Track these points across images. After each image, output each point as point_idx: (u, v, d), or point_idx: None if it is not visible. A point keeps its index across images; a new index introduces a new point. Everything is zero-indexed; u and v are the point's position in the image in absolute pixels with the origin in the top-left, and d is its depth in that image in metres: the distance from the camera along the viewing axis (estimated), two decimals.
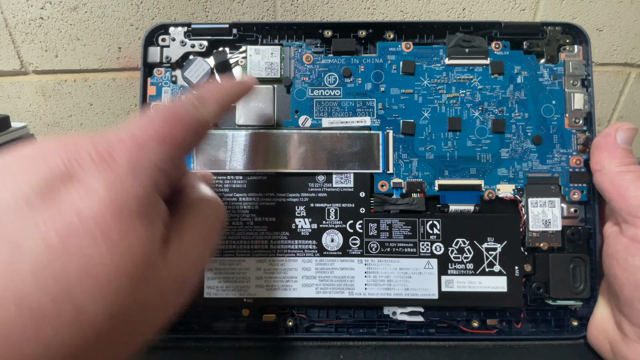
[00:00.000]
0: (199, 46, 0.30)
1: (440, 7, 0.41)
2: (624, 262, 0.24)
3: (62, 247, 0.14)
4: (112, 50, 0.42)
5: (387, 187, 0.29)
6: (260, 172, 0.29)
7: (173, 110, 0.18)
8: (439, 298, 0.28)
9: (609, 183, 0.25)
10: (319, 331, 0.29)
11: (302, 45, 0.30)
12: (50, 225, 0.14)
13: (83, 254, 0.14)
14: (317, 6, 0.40)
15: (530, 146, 0.29)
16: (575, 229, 0.29)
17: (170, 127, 0.18)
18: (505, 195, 0.29)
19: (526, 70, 0.29)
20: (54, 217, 0.14)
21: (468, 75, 0.29)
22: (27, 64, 0.42)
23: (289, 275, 0.28)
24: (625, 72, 0.45)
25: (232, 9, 0.40)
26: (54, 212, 0.14)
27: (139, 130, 0.17)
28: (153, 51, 0.30)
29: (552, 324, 0.29)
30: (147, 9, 0.40)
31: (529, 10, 0.41)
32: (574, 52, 0.29)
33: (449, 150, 0.29)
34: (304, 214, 0.29)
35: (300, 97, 0.29)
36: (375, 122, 0.29)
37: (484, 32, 0.30)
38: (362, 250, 0.29)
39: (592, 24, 0.42)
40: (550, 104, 0.29)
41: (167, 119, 0.18)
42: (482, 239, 0.28)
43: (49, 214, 0.14)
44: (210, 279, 0.28)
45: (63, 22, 0.41)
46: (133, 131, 0.17)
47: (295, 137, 0.29)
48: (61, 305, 0.13)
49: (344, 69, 0.29)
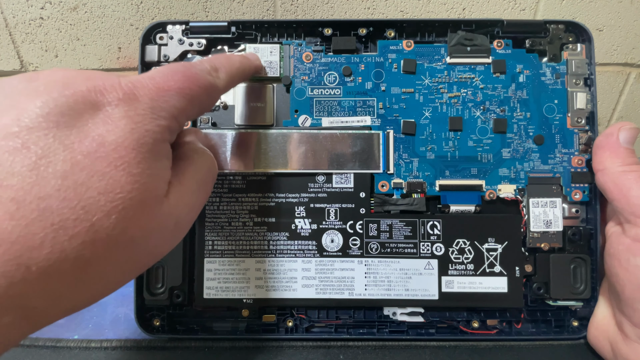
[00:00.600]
0: (197, 44, 0.29)
1: (440, 6, 0.41)
2: (626, 262, 0.24)
3: (86, 166, 0.15)
4: (112, 50, 0.42)
5: (387, 188, 0.29)
6: (259, 172, 0.29)
7: (192, 71, 0.20)
8: (439, 299, 0.28)
9: (611, 183, 0.25)
10: (318, 332, 0.29)
11: (302, 43, 0.30)
12: (76, 145, 0.15)
13: (103, 177, 0.15)
14: (317, 6, 0.40)
15: (532, 146, 0.29)
16: (577, 229, 0.28)
17: (189, 84, 0.19)
18: (506, 195, 0.29)
19: (528, 69, 0.29)
20: (81, 140, 0.15)
21: (470, 74, 0.29)
22: (27, 64, 0.42)
23: (288, 275, 0.28)
24: (625, 72, 0.45)
25: (232, 8, 0.40)
26: (81, 135, 0.15)
27: (161, 79, 0.18)
28: (151, 50, 0.29)
29: (552, 325, 0.29)
30: (147, 9, 0.40)
31: (529, 10, 0.41)
32: (577, 50, 0.29)
33: (450, 150, 0.29)
34: (303, 215, 0.29)
35: (299, 97, 0.29)
36: (376, 121, 0.29)
37: (485, 30, 0.30)
38: (362, 250, 0.28)
39: (592, 24, 0.42)
40: (553, 103, 0.29)
41: (187, 76, 0.19)
42: (483, 240, 0.28)
43: (75, 136, 0.15)
44: (210, 279, 0.28)
45: (63, 22, 0.40)
46: (155, 79, 0.18)
47: (295, 136, 0.29)
48: (78, 216, 0.14)
49: (344, 67, 0.29)
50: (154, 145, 0.17)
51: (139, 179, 0.16)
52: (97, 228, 0.15)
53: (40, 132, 0.14)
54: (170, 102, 0.18)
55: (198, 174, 0.21)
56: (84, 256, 0.15)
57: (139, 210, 0.16)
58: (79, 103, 0.15)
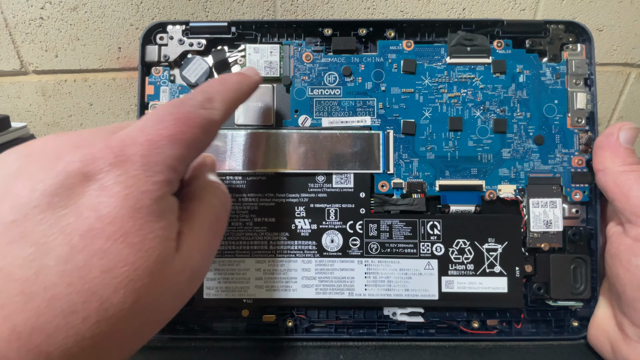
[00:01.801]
0: (197, 45, 0.29)
1: (440, 7, 0.41)
2: (627, 262, 0.24)
3: (85, 247, 0.14)
4: (112, 50, 0.42)
5: (387, 188, 0.29)
6: (259, 172, 0.29)
7: (184, 110, 0.18)
8: (439, 299, 0.28)
9: (612, 183, 0.25)
10: (318, 332, 0.29)
11: (302, 43, 0.30)
12: (72, 226, 0.14)
13: (104, 253, 0.15)
14: (317, 6, 0.40)
15: (532, 146, 0.29)
16: (577, 229, 0.28)
17: (182, 127, 0.18)
18: (506, 195, 0.29)
19: (528, 69, 0.29)
20: (76, 218, 0.15)
21: (469, 74, 0.29)
22: (27, 64, 0.42)
23: (288, 275, 0.28)
24: (625, 72, 0.45)
25: (232, 8, 0.40)
26: (76, 214, 0.15)
27: (151, 130, 0.17)
28: (151, 50, 0.29)
29: (552, 325, 0.29)
30: (147, 9, 0.40)
31: (529, 10, 0.41)
32: (577, 50, 0.29)
33: (450, 150, 0.29)
34: (303, 215, 0.29)
35: (299, 97, 0.29)
36: (376, 121, 0.29)
37: (485, 30, 0.30)
38: (362, 250, 0.28)
39: (592, 24, 0.42)
40: (553, 103, 0.29)
41: (179, 119, 0.18)
42: (483, 240, 0.28)
43: (70, 215, 0.15)
44: (209, 279, 0.28)
45: (63, 22, 0.40)
46: (145, 130, 0.17)
47: (295, 137, 0.29)
48: (86, 298, 0.14)
49: (344, 67, 0.29)
50: (152, 205, 0.16)
51: (141, 247, 0.15)
52: (107, 306, 0.14)
53: (36, 218, 0.14)
54: (164, 154, 0.17)
55: (210, 214, 0.20)
56: (101, 332, 0.15)
57: (146, 279, 0.15)
58: (70, 177, 0.15)
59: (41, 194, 0.15)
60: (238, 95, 0.22)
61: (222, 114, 0.20)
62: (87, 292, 0.14)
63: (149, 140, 0.17)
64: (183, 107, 0.18)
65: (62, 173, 0.15)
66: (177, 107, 0.18)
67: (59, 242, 0.14)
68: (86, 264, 0.14)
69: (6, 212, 0.14)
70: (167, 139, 0.17)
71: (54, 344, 0.14)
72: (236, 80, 0.23)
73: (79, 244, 0.14)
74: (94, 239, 0.15)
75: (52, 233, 0.14)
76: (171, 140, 0.17)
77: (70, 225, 0.14)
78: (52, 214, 0.14)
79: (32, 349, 0.13)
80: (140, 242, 0.15)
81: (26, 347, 0.13)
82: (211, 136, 0.20)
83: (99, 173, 0.15)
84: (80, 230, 0.14)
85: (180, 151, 0.17)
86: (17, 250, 0.14)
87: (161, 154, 0.17)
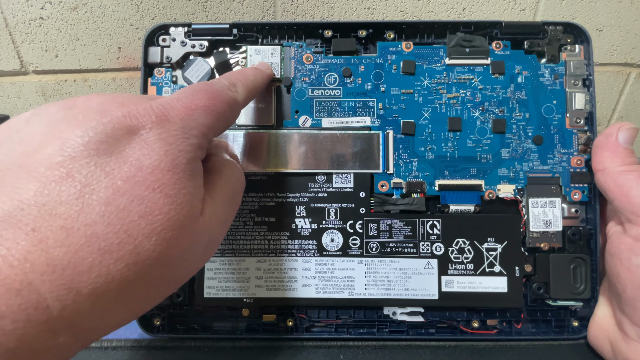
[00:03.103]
0: (199, 46, 0.30)
1: (440, 7, 0.41)
2: (628, 261, 0.24)
3: (127, 192, 0.15)
4: (112, 50, 0.42)
5: (387, 187, 0.29)
6: (260, 172, 0.29)
7: (214, 88, 0.21)
8: (439, 298, 0.28)
9: (611, 183, 0.25)
10: (318, 331, 0.29)
11: (302, 45, 0.30)
12: (116, 172, 0.15)
13: (143, 200, 0.16)
14: (317, 6, 0.40)
15: (531, 146, 0.29)
16: (576, 229, 0.28)
17: (214, 101, 0.20)
18: (505, 195, 0.29)
19: (527, 70, 0.29)
20: (120, 166, 0.16)
21: (468, 75, 0.29)
22: (27, 64, 0.42)
23: (289, 275, 0.28)
24: (625, 72, 0.45)
25: (232, 9, 0.40)
26: (119, 161, 0.16)
27: (188, 99, 0.19)
28: (153, 51, 0.30)
29: (552, 324, 0.29)
30: (147, 9, 0.40)
31: (528, 10, 0.41)
32: (575, 51, 0.29)
33: (449, 151, 0.29)
34: (304, 214, 0.29)
35: (300, 97, 0.29)
36: (376, 122, 0.29)
37: (484, 31, 0.30)
38: (362, 250, 0.28)
39: (592, 24, 0.42)
40: (551, 103, 0.29)
41: (210, 93, 0.20)
42: (483, 239, 0.28)
43: (115, 162, 0.16)
44: (210, 279, 0.28)
45: (63, 22, 0.41)
46: (182, 100, 0.19)
47: (296, 137, 0.29)
48: (122, 240, 0.15)
49: (344, 69, 0.29)
50: (187, 164, 0.17)
51: (175, 199, 0.16)
52: (139, 250, 0.15)
53: (83, 160, 0.15)
54: (199, 121, 0.19)
55: (229, 187, 0.21)
56: (128, 277, 0.15)
57: (176, 231, 0.16)
58: (115, 130, 0.16)
59: (89, 140, 0.15)
60: (255, 85, 0.25)
61: (244, 97, 0.23)
62: (124, 233, 0.15)
63: (186, 107, 0.19)
64: (214, 86, 0.21)
65: (110, 124, 0.16)
66: (209, 85, 0.21)
67: (103, 184, 0.15)
68: (126, 207, 0.15)
69: (54, 153, 0.15)
70: (202, 108, 0.19)
71: (84, 282, 0.14)
72: (252, 72, 0.25)
73: (121, 188, 0.15)
74: (135, 185, 0.16)
75: (97, 176, 0.15)
76: (205, 110, 0.19)
77: (115, 170, 0.15)
78: (98, 159, 0.15)
79: (63, 284, 0.14)
80: (175, 195, 0.16)
81: (58, 282, 0.14)
82: (235, 115, 0.22)
83: (142, 129, 0.17)
84: (123, 176, 0.15)
85: (211, 121, 0.19)
86: (63, 188, 0.14)
87: (196, 120, 0.19)
